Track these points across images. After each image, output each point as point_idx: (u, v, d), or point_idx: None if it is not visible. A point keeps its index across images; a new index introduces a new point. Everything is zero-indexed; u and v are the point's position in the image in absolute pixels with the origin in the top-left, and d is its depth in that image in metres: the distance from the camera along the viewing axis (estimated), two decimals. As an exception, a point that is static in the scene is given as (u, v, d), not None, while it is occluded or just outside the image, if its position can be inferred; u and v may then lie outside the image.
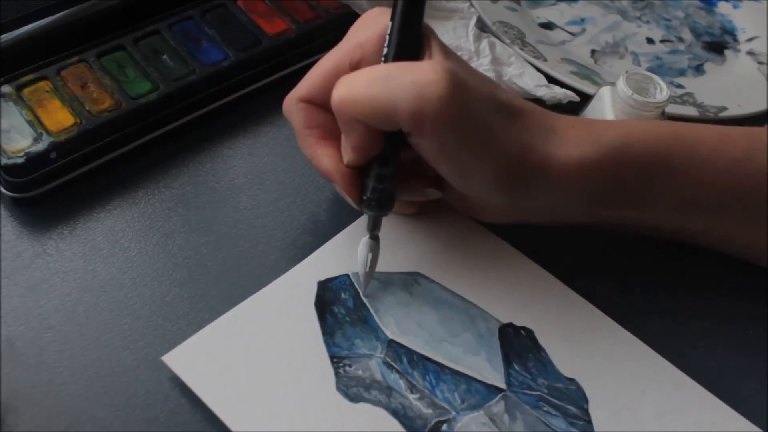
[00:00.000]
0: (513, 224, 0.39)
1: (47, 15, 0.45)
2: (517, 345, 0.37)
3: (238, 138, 0.46)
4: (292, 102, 0.38)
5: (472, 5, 0.53)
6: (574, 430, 0.35)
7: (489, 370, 0.36)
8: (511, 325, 0.38)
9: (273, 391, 0.34)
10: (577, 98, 0.48)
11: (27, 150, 0.39)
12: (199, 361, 0.34)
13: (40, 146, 0.40)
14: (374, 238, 0.37)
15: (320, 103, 0.37)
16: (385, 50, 0.35)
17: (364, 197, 0.36)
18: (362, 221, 0.40)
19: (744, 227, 0.39)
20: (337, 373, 0.35)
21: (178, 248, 0.39)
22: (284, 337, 0.35)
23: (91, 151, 0.41)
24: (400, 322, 0.37)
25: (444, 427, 0.34)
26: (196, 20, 0.48)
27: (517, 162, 0.35)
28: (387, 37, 0.35)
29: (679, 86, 0.54)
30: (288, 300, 0.37)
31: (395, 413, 0.34)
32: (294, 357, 0.35)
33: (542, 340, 0.37)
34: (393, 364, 0.35)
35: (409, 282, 0.38)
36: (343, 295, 0.37)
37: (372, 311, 0.37)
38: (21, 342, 0.35)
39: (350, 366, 0.35)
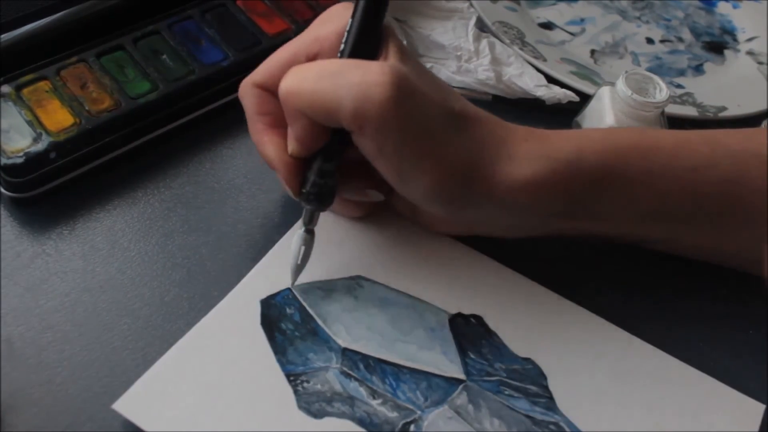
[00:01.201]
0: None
1: (47, 15, 0.45)
2: (469, 333, 0.37)
3: (238, 138, 0.46)
4: (247, 86, 0.38)
5: (471, 5, 0.53)
6: (537, 408, 0.35)
7: (446, 362, 0.36)
8: (460, 314, 0.38)
9: (234, 420, 0.33)
10: (576, 98, 0.48)
11: (26, 150, 0.39)
12: (152, 403, 0.33)
13: (40, 146, 0.40)
14: (309, 232, 0.37)
15: (273, 90, 0.36)
16: (342, 46, 0.35)
17: (304, 190, 0.36)
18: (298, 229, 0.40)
19: (710, 235, 0.38)
20: (296, 391, 0.34)
21: (178, 248, 0.39)
22: (236, 363, 0.34)
23: (91, 151, 0.41)
24: (351, 329, 0.36)
25: (412, 427, 0.34)
26: (196, 20, 0.48)
27: (460, 174, 0.34)
28: (345, 34, 0.35)
29: (679, 86, 0.54)
30: (232, 324, 0.36)
31: (361, 422, 0.33)
32: (249, 382, 0.34)
33: (492, 325, 0.37)
34: (350, 372, 0.35)
35: (352, 286, 0.38)
36: (288, 310, 0.37)
37: (320, 322, 0.36)
38: (20, 342, 0.35)
39: (308, 382, 0.34)
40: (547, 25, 0.57)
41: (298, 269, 0.37)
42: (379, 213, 0.41)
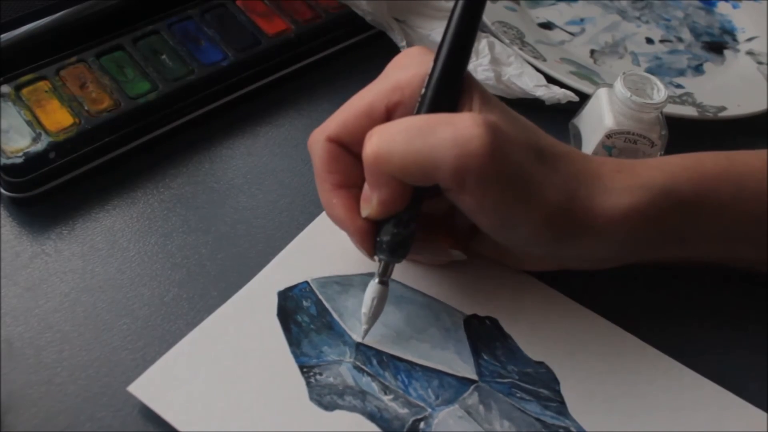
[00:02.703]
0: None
1: (46, 15, 0.45)
2: (484, 335, 0.37)
3: (237, 138, 0.46)
4: (318, 140, 0.35)
5: (471, 5, 0.53)
6: (548, 412, 0.35)
7: (459, 362, 0.36)
8: (475, 315, 0.38)
9: (246, 409, 0.33)
10: (576, 98, 0.48)
11: (26, 150, 0.39)
12: (166, 386, 0.33)
13: (39, 146, 0.40)
14: (383, 284, 0.35)
15: (348, 143, 0.35)
16: (423, 91, 0.33)
17: (378, 238, 0.34)
18: (316, 225, 0.40)
19: None
20: (308, 383, 0.34)
21: (177, 248, 0.39)
22: (250, 353, 0.35)
23: (90, 151, 0.41)
24: None
25: (422, 425, 0.34)
26: (196, 20, 0.48)
27: (561, 212, 0.33)
28: (427, 79, 0.33)
29: (679, 86, 0.54)
30: (249, 314, 0.36)
31: (372, 417, 0.34)
32: (263, 371, 0.34)
33: (507, 328, 0.38)
34: (363, 367, 0.35)
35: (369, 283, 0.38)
36: (305, 303, 0.37)
37: (336, 316, 0.37)
38: (20, 342, 0.35)
39: (321, 374, 0.35)
40: (547, 25, 0.57)
41: (370, 322, 0.35)
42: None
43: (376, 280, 0.35)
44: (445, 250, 0.37)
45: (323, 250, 0.39)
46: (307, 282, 0.38)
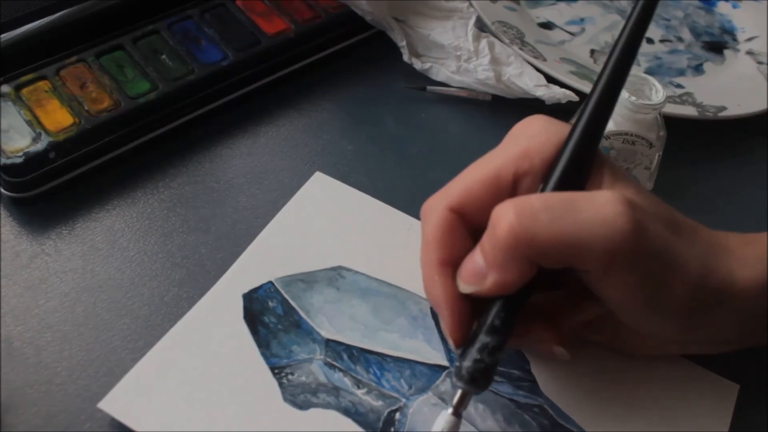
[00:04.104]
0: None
1: (47, 15, 0.45)
2: None
3: (237, 138, 0.46)
4: (436, 207, 0.33)
5: (471, 5, 0.53)
6: (521, 392, 0.35)
7: (429, 350, 0.36)
8: None
9: (219, 415, 0.33)
10: (576, 98, 0.48)
11: (26, 150, 0.40)
12: (137, 400, 0.33)
13: (39, 146, 0.40)
14: (456, 416, 0.31)
15: (470, 214, 0.32)
16: (557, 163, 0.32)
17: (458, 363, 0.31)
18: (275, 224, 0.40)
19: None
20: (281, 384, 0.34)
21: (177, 248, 0.39)
22: (220, 358, 0.34)
23: (90, 151, 0.41)
24: (333, 320, 0.37)
25: (397, 415, 0.34)
26: (195, 20, 0.48)
27: (699, 285, 0.32)
28: (561, 150, 0.32)
29: (679, 86, 0.54)
30: (215, 320, 0.36)
31: (347, 412, 0.34)
32: (234, 376, 0.34)
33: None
34: (334, 363, 0.35)
35: (334, 277, 0.38)
36: (270, 304, 0.37)
37: (303, 314, 0.37)
38: (20, 342, 0.35)
39: (292, 374, 0.34)
40: (547, 25, 0.57)
41: None
42: (354, 203, 0.41)
43: (450, 410, 0.31)
44: (549, 348, 0.34)
45: (284, 248, 0.39)
46: (271, 282, 0.38)
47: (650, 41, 0.58)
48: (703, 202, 0.47)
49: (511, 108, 0.49)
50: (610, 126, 0.43)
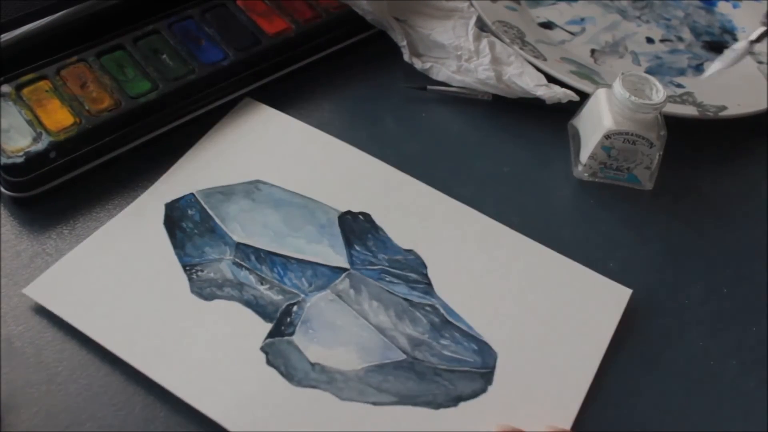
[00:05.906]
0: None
1: (47, 15, 0.45)
2: (357, 228, 0.40)
3: (238, 137, 0.45)
4: None
5: (471, 5, 0.53)
6: (416, 293, 0.38)
7: (332, 254, 0.39)
8: (349, 212, 0.41)
9: (134, 304, 0.36)
10: (576, 98, 0.48)
11: (26, 149, 0.39)
12: (61, 288, 0.36)
13: (40, 146, 0.40)
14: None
15: None
16: None
17: None
18: (205, 141, 0.43)
19: None
20: (190, 279, 0.37)
21: (178, 248, 0.39)
22: (139, 256, 0.38)
23: (91, 150, 0.41)
24: (246, 226, 0.39)
25: (295, 308, 0.37)
26: (196, 20, 0.48)
27: None
28: None
29: (679, 86, 0.54)
30: (139, 224, 0.39)
31: (248, 304, 0.37)
32: (150, 271, 0.37)
33: (379, 221, 0.41)
34: (242, 263, 0.38)
35: (250, 190, 0.41)
36: (190, 212, 0.40)
37: (218, 221, 0.40)
38: (20, 341, 0.35)
39: (202, 271, 0.37)
40: (547, 25, 0.57)
41: None
42: (274, 121, 0.45)
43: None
44: None
45: (207, 165, 0.42)
46: (192, 194, 0.41)
47: (651, 41, 0.58)
48: (703, 202, 0.47)
49: (511, 108, 0.50)
50: (611, 125, 0.43)
